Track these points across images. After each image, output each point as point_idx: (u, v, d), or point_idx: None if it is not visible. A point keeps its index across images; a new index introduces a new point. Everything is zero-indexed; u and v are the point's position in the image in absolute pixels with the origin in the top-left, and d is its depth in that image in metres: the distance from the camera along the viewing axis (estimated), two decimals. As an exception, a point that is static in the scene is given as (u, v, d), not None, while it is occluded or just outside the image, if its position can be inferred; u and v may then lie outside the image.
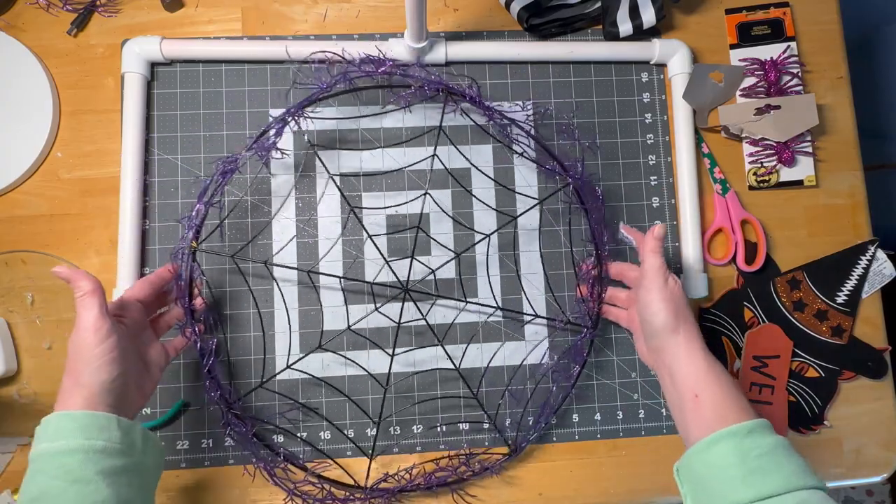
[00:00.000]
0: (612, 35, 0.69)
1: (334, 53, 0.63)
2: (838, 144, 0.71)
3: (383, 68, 0.60)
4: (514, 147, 0.66)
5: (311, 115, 0.65)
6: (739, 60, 0.70)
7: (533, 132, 0.66)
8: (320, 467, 0.62)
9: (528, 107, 0.67)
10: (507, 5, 0.68)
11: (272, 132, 0.59)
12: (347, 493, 0.61)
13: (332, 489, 0.61)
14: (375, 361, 0.65)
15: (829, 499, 0.43)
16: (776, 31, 0.71)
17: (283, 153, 0.63)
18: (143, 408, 0.53)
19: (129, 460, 0.46)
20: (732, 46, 0.71)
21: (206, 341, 0.58)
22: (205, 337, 0.59)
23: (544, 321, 0.66)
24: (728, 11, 0.71)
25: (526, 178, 0.67)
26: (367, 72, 0.61)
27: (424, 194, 0.65)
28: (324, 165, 0.65)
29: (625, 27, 0.68)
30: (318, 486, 0.61)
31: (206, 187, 0.59)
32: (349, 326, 0.64)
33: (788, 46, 0.70)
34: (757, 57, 0.70)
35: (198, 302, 0.58)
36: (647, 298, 0.55)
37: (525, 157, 0.66)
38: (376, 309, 0.64)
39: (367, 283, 0.64)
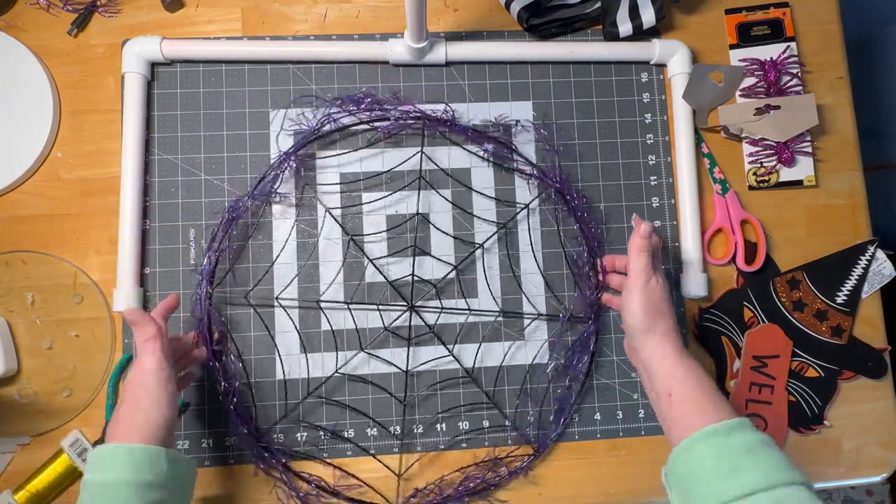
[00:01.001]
0: (612, 35, 0.69)
1: (317, 97, 0.66)
2: (838, 144, 0.71)
3: (363, 105, 0.65)
4: (498, 161, 0.67)
5: (302, 156, 0.66)
6: (739, 60, 0.70)
7: (513, 145, 0.67)
8: (344, 487, 0.62)
9: (510, 121, 0.68)
10: (507, 5, 0.68)
11: (269, 177, 0.64)
12: None
13: None
14: (378, 368, 0.65)
15: (812, 494, 0.43)
16: (776, 32, 0.71)
17: (281, 196, 0.65)
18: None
19: (171, 491, 0.49)
20: (732, 46, 0.71)
21: (230, 380, 0.62)
22: (226, 371, 0.63)
23: (546, 319, 0.66)
24: (728, 11, 0.71)
25: (501, 180, 0.68)
26: (350, 111, 0.65)
27: (417, 214, 0.66)
28: (320, 202, 0.66)
29: (625, 27, 0.68)
30: None
31: (214, 236, 0.62)
32: (362, 348, 0.65)
33: (788, 46, 0.70)
34: (757, 57, 0.70)
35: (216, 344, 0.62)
36: (627, 298, 0.55)
37: (511, 170, 0.67)
38: (385, 329, 0.65)
39: (374, 306, 0.65)
